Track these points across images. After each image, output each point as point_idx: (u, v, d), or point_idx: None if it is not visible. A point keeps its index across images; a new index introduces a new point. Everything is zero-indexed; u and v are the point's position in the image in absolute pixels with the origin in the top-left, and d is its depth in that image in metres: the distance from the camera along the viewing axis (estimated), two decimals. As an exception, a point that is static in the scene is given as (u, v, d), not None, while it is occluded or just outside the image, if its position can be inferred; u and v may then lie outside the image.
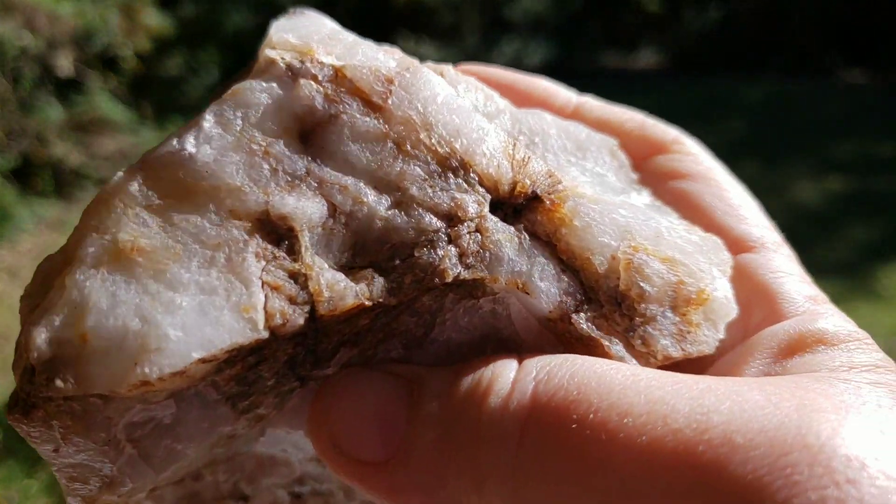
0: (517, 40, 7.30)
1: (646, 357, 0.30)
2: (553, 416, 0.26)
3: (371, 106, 0.31)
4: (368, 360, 0.31)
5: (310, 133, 0.30)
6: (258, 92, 0.31)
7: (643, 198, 0.36)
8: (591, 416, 0.25)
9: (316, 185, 0.30)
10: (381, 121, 0.31)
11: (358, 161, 0.30)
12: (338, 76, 0.31)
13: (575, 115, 0.41)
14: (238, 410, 0.30)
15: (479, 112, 0.33)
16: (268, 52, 0.32)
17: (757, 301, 0.33)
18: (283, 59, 0.31)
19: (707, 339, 0.31)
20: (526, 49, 7.28)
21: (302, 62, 0.31)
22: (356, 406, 0.29)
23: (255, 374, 0.29)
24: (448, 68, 0.36)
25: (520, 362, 0.29)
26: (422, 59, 0.34)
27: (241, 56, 6.15)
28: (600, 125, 0.40)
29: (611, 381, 0.26)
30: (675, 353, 0.31)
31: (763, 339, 0.31)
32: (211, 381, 0.29)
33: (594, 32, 8.15)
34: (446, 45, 6.98)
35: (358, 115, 0.31)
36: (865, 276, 3.10)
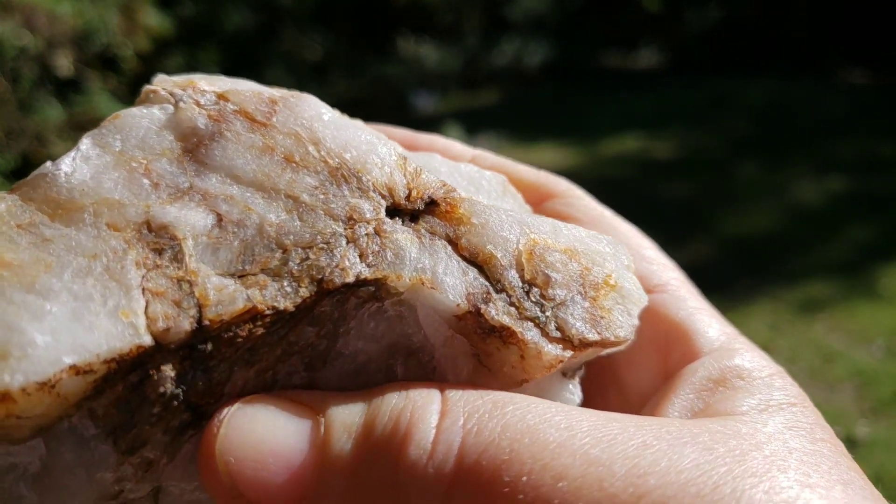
0: (517, 40, 7.29)
1: (563, 344, 0.29)
2: (483, 478, 0.24)
3: (256, 123, 0.31)
4: (267, 385, 0.28)
5: (193, 151, 0.30)
6: (138, 117, 0.30)
7: None
8: (525, 478, 0.23)
9: (200, 196, 0.29)
10: (267, 137, 0.30)
11: (244, 173, 0.29)
12: (220, 100, 0.31)
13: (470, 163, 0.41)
14: (121, 450, 0.26)
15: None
16: (148, 86, 0.32)
17: (673, 340, 0.33)
18: (164, 88, 0.31)
19: (622, 324, 0.31)
20: (526, 49, 7.27)
21: (184, 90, 0.31)
22: (256, 442, 0.26)
23: (138, 398, 0.26)
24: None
25: (441, 392, 0.27)
26: (422, 59, 0.34)
27: (240, 56, 6.16)
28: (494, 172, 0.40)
29: (545, 437, 0.24)
30: (592, 336, 0.30)
31: (685, 377, 0.31)
32: (87, 408, 0.26)
33: (594, 32, 8.15)
34: (446, 45, 6.98)
35: (243, 132, 0.30)
36: (865, 276, 3.09)
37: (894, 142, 4.78)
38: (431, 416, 0.26)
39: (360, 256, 0.29)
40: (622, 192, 4.23)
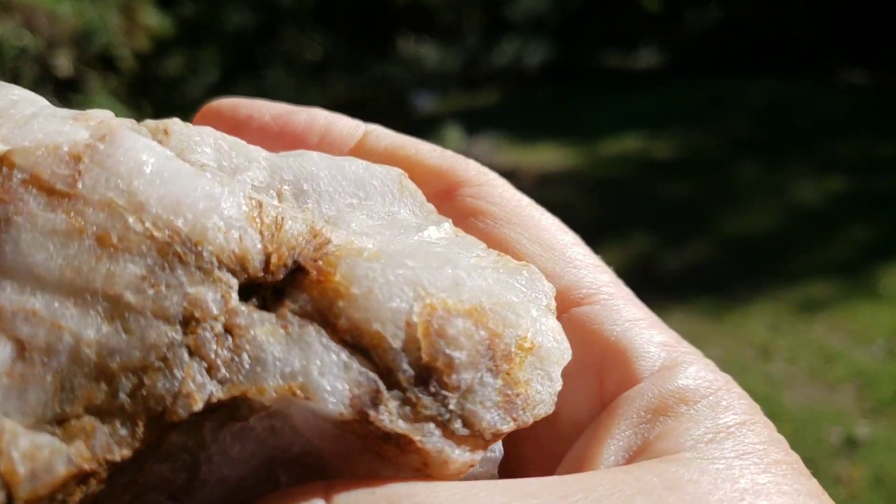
0: (517, 40, 7.29)
1: (473, 441, 0.24)
2: None
3: (56, 195, 0.24)
4: None
5: None
6: None
7: (443, 231, 0.29)
8: None
9: None
10: (72, 213, 0.23)
11: (48, 273, 0.23)
12: (3, 166, 0.24)
13: (360, 146, 0.35)
14: None
15: (214, 171, 0.27)
16: None
17: (609, 362, 0.29)
18: None
19: (541, 395, 0.26)
20: (526, 49, 7.28)
21: None
22: None
23: None
24: (174, 122, 0.28)
25: (327, 500, 0.22)
26: (422, 59, 0.31)
27: (240, 56, 6.16)
28: (390, 156, 0.33)
29: None
30: (506, 426, 0.25)
31: (620, 409, 0.27)
32: None
33: (594, 32, 8.15)
34: (446, 45, 6.98)
35: (40, 212, 0.23)
36: (865, 276, 3.09)
37: (894, 142, 4.78)
38: None
39: (209, 370, 0.23)
40: (622, 192, 4.22)
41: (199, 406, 0.22)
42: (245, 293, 0.24)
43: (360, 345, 0.24)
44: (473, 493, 0.22)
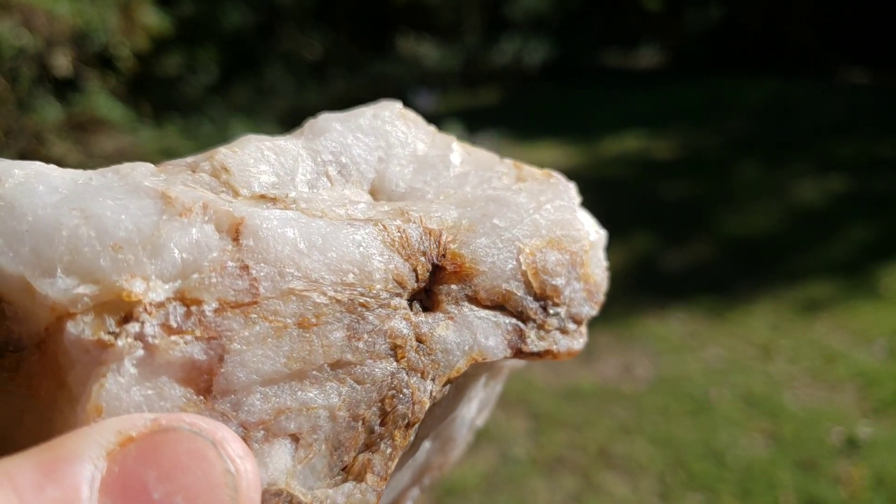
0: (517, 39, 7.28)
1: (580, 327, 0.33)
2: None
3: (247, 308, 0.25)
4: None
5: (210, 388, 0.24)
6: (126, 400, 0.23)
7: (458, 154, 0.36)
8: None
9: (262, 432, 0.25)
10: (269, 317, 0.26)
11: (277, 373, 0.26)
12: (189, 306, 0.24)
13: None
14: None
15: (331, 208, 0.30)
16: (81, 336, 0.23)
17: None
18: (108, 331, 0.23)
19: (603, 278, 0.34)
20: (526, 48, 7.27)
21: (135, 319, 0.24)
22: None
23: None
24: (224, 156, 0.30)
25: None
26: (421, 58, 0.33)
27: (240, 55, 6.14)
28: None
29: None
30: (595, 312, 0.33)
31: None
32: None
33: (594, 31, 8.15)
34: (446, 44, 6.97)
35: (245, 331, 0.25)
36: (865, 276, 3.09)
37: (894, 142, 4.78)
38: None
39: (422, 376, 0.29)
40: (622, 192, 4.22)
41: (428, 404, 0.29)
42: (410, 304, 0.30)
43: (497, 303, 0.31)
44: None
